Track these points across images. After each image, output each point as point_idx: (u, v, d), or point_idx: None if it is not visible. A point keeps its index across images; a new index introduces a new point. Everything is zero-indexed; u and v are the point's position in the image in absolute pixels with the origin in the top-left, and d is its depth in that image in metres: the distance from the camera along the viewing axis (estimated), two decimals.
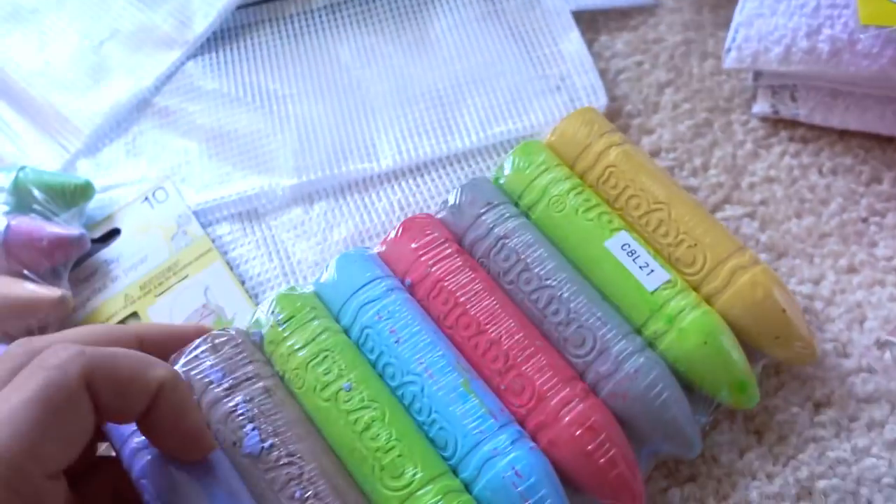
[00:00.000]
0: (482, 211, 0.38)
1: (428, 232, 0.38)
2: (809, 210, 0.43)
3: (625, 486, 0.33)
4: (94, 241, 0.45)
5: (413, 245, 0.38)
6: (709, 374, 0.35)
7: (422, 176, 0.46)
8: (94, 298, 0.44)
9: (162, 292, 0.43)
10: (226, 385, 0.34)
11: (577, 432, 0.33)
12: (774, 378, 0.38)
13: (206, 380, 0.34)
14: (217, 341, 0.35)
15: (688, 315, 0.35)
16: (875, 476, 0.36)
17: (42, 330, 0.40)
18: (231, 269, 0.44)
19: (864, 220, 0.43)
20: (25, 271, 0.41)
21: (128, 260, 0.44)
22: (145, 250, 0.45)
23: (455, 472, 0.33)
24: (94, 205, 0.46)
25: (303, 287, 0.38)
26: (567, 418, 0.33)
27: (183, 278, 0.43)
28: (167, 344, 0.34)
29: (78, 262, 0.44)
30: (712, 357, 0.35)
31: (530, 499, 0.31)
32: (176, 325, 0.38)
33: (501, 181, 0.40)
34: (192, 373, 0.34)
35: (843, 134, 0.45)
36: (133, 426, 0.32)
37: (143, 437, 0.32)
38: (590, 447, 0.33)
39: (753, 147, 0.46)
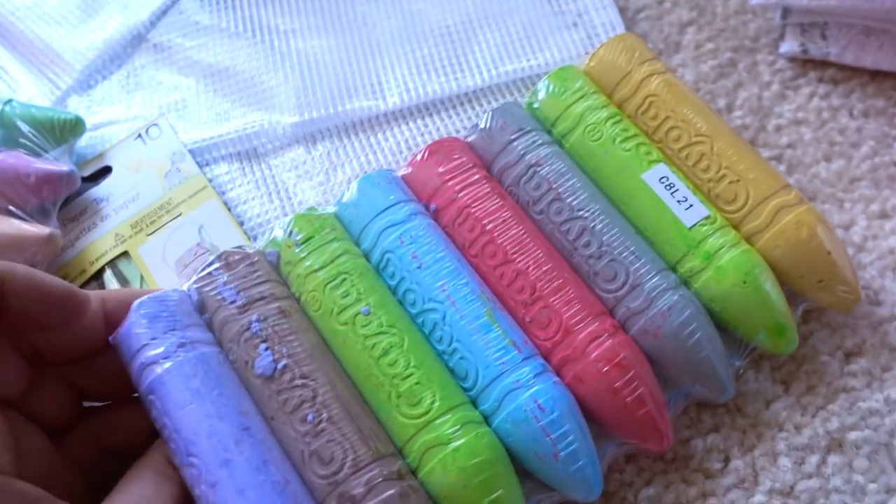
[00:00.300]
0: (513, 137, 0.36)
1: (455, 156, 0.36)
2: (839, 153, 0.41)
3: (652, 426, 0.31)
4: (84, 179, 0.42)
5: (440, 169, 0.36)
6: (746, 316, 0.33)
7: (430, 116, 0.44)
8: (83, 238, 0.41)
9: (154, 231, 0.41)
10: (239, 303, 0.32)
11: (605, 368, 0.31)
12: (803, 326, 0.37)
13: (219, 297, 0.33)
14: (231, 259, 0.33)
15: (726, 253, 0.33)
16: None
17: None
18: (227, 207, 0.42)
19: None
20: (12, 208, 0.39)
21: (119, 198, 0.42)
22: (137, 188, 0.42)
23: (475, 403, 0.32)
24: (85, 143, 0.44)
25: (322, 208, 0.36)
26: (594, 354, 0.31)
27: (176, 216, 0.41)
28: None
29: (67, 200, 0.42)
30: (751, 297, 0.33)
31: (553, 433, 0.30)
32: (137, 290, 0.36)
33: (535, 106, 0.38)
34: (206, 289, 0.33)
35: (876, 75, 0.43)
36: (142, 342, 0.31)
37: (153, 353, 0.31)
38: (617, 384, 0.31)
39: (780, 88, 0.44)
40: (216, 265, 0.33)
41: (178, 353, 0.31)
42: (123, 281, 0.40)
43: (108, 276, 0.40)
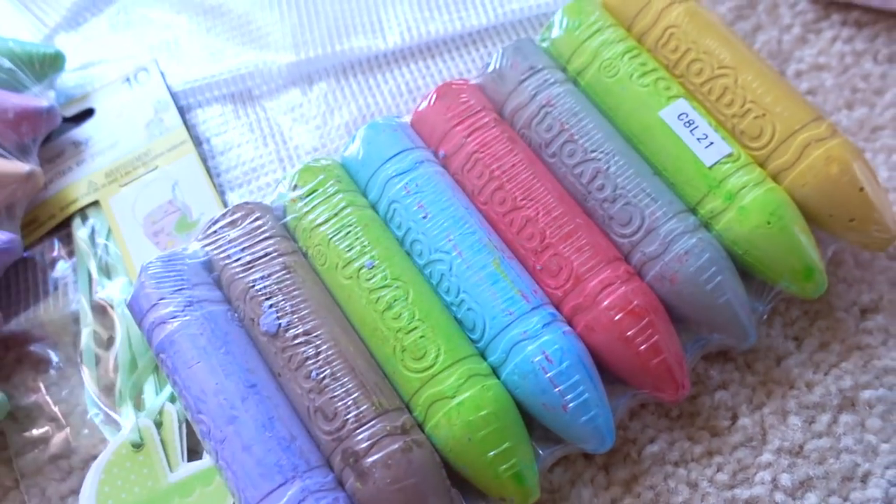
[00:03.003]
0: (524, 76, 0.35)
1: (464, 99, 0.35)
2: (862, 100, 0.39)
3: (668, 375, 0.30)
4: (66, 119, 0.42)
5: (448, 114, 0.35)
6: (771, 258, 0.31)
7: (433, 57, 0.43)
8: (57, 181, 0.40)
9: (127, 182, 0.40)
10: (244, 261, 0.32)
11: (617, 316, 0.30)
12: None
13: (224, 255, 0.33)
14: (236, 215, 0.33)
15: (750, 192, 0.31)
16: None
17: (9, 208, 0.37)
18: (205, 163, 0.41)
19: None
20: None
21: (98, 143, 0.41)
22: (117, 135, 0.41)
23: (483, 355, 0.31)
24: (72, 82, 0.43)
25: (328, 158, 0.35)
26: (606, 302, 0.30)
27: (152, 169, 0.40)
28: None
29: (47, 140, 0.41)
30: (776, 239, 0.31)
31: (561, 385, 0.29)
32: None
33: (547, 44, 0.37)
34: (211, 249, 0.33)
35: None
36: (152, 302, 0.31)
37: (163, 313, 0.31)
38: (630, 332, 0.30)
39: (802, 31, 0.41)
40: (221, 223, 0.33)
41: (186, 312, 0.31)
42: (91, 231, 0.39)
43: (77, 223, 0.39)
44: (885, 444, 0.31)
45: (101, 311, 0.37)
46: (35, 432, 0.35)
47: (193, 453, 0.33)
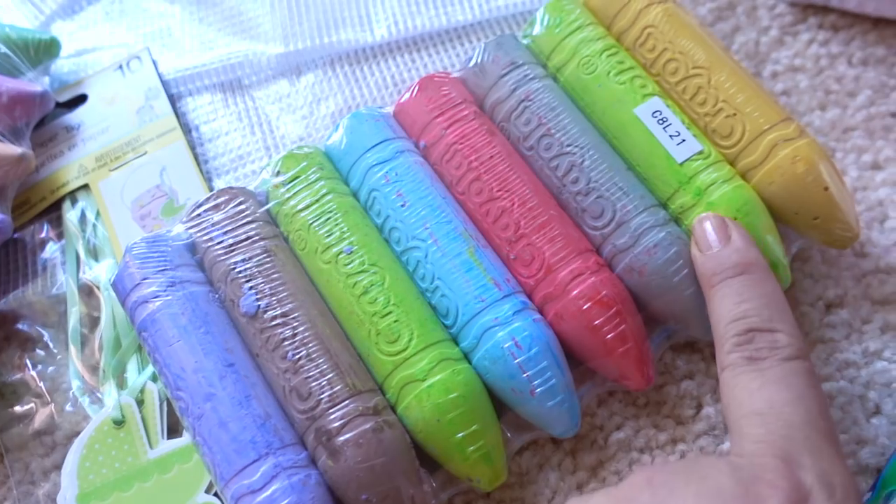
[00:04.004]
0: (505, 71, 0.36)
1: (445, 92, 0.36)
2: (835, 102, 0.40)
3: (634, 364, 0.31)
4: (59, 104, 0.42)
5: (429, 105, 0.35)
6: None
7: (418, 51, 0.44)
8: (48, 164, 0.41)
9: (117, 167, 0.40)
10: (226, 243, 0.33)
11: (585, 306, 0.31)
12: None
13: (208, 237, 0.34)
14: (220, 199, 0.34)
15: (718, 189, 0.32)
16: (885, 380, 0.33)
17: (1, 189, 0.38)
18: (193, 149, 0.41)
19: (894, 115, 0.39)
20: None
21: (90, 128, 0.42)
22: (109, 121, 0.42)
23: (456, 341, 0.32)
24: (66, 69, 0.44)
25: (311, 146, 0.36)
26: (575, 291, 0.31)
27: (141, 154, 0.41)
28: None
29: (40, 124, 0.42)
30: None
31: (529, 371, 0.30)
32: None
33: (529, 40, 0.37)
34: (195, 231, 0.34)
35: (878, 22, 0.41)
36: (135, 281, 0.32)
37: (145, 292, 0.32)
38: (597, 321, 0.31)
39: (779, 34, 0.42)
40: (205, 206, 0.34)
41: (168, 291, 0.32)
42: (81, 214, 0.40)
43: (67, 206, 0.40)
44: (844, 435, 0.32)
45: (87, 291, 0.38)
46: (20, 408, 0.36)
47: (173, 432, 0.34)
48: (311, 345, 0.31)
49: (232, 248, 0.33)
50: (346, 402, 0.30)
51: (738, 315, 0.29)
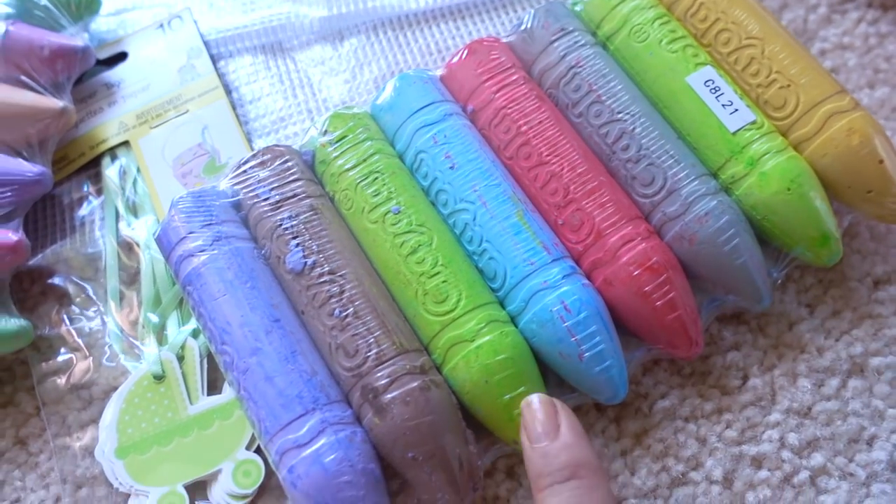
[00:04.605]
0: (555, 37, 0.35)
1: (494, 56, 0.35)
2: (883, 80, 0.40)
3: (682, 331, 0.31)
4: (99, 62, 0.42)
5: (478, 70, 0.35)
6: (789, 224, 0.32)
7: (462, 19, 0.43)
8: (88, 120, 0.41)
9: (158, 125, 0.40)
10: (273, 200, 0.33)
11: (635, 272, 0.31)
12: None
13: (253, 194, 0.33)
14: (266, 157, 0.34)
15: (772, 159, 0.32)
16: None
17: (42, 142, 0.38)
18: (234, 110, 0.41)
19: None
20: (26, 79, 0.38)
21: (130, 86, 0.42)
22: (149, 79, 0.42)
23: (502, 304, 0.32)
24: (105, 27, 0.44)
25: (359, 107, 0.36)
26: (625, 257, 0.31)
27: (183, 113, 0.40)
28: None
29: (79, 80, 0.42)
30: (795, 205, 0.32)
31: (578, 335, 0.30)
32: None
33: (579, 7, 0.37)
34: (240, 187, 0.34)
35: None
36: (180, 235, 0.32)
37: (191, 246, 0.32)
38: (647, 288, 0.31)
39: (827, 11, 0.42)
40: (251, 163, 0.34)
41: (214, 246, 0.32)
42: (120, 170, 0.40)
43: (107, 162, 0.40)
44: (892, 410, 0.32)
45: (126, 248, 0.38)
46: (57, 360, 0.36)
47: (213, 388, 0.34)
48: (358, 302, 0.30)
49: (278, 204, 0.33)
50: (393, 360, 0.29)
51: None
